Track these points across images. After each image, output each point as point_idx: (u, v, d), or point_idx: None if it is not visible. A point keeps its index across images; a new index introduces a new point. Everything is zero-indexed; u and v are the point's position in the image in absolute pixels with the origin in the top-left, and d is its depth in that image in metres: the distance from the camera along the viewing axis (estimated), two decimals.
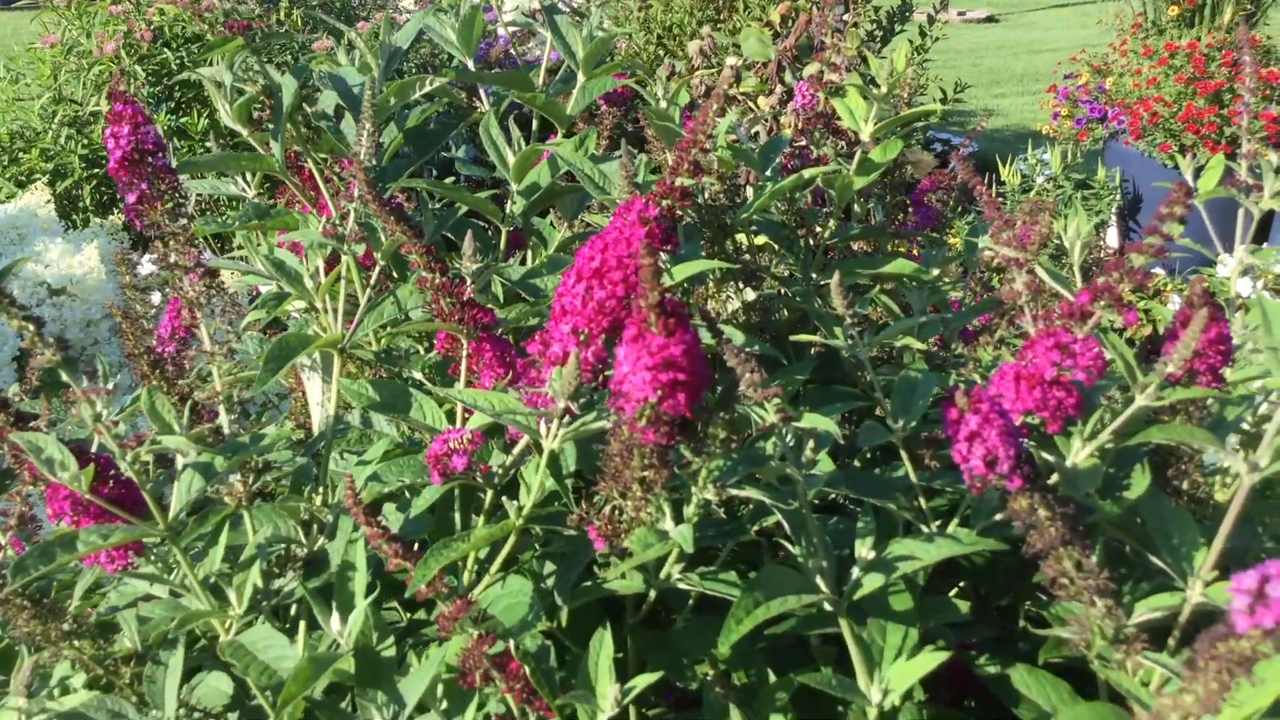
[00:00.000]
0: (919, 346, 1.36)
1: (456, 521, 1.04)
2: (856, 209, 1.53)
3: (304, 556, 0.99)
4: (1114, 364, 0.96)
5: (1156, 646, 0.89)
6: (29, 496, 1.04)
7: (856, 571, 0.89)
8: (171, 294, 1.21)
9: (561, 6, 3.46)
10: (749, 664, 1.00)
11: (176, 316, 1.23)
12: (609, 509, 0.82)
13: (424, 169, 1.26)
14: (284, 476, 1.04)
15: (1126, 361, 0.94)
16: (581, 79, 1.31)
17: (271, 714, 0.88)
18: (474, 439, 0.91)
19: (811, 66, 2.24)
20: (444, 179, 1.45)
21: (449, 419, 1.02)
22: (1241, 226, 1.34)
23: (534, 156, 1.24)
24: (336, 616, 0.88)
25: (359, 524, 0.81)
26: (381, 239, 1.00)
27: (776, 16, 3.04)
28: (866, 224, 1.51)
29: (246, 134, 1.18)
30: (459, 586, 0.97)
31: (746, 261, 1.32)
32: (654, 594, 0.99)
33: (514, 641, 0.85)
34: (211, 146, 1.27)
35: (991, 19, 10.85)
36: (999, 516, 0.96)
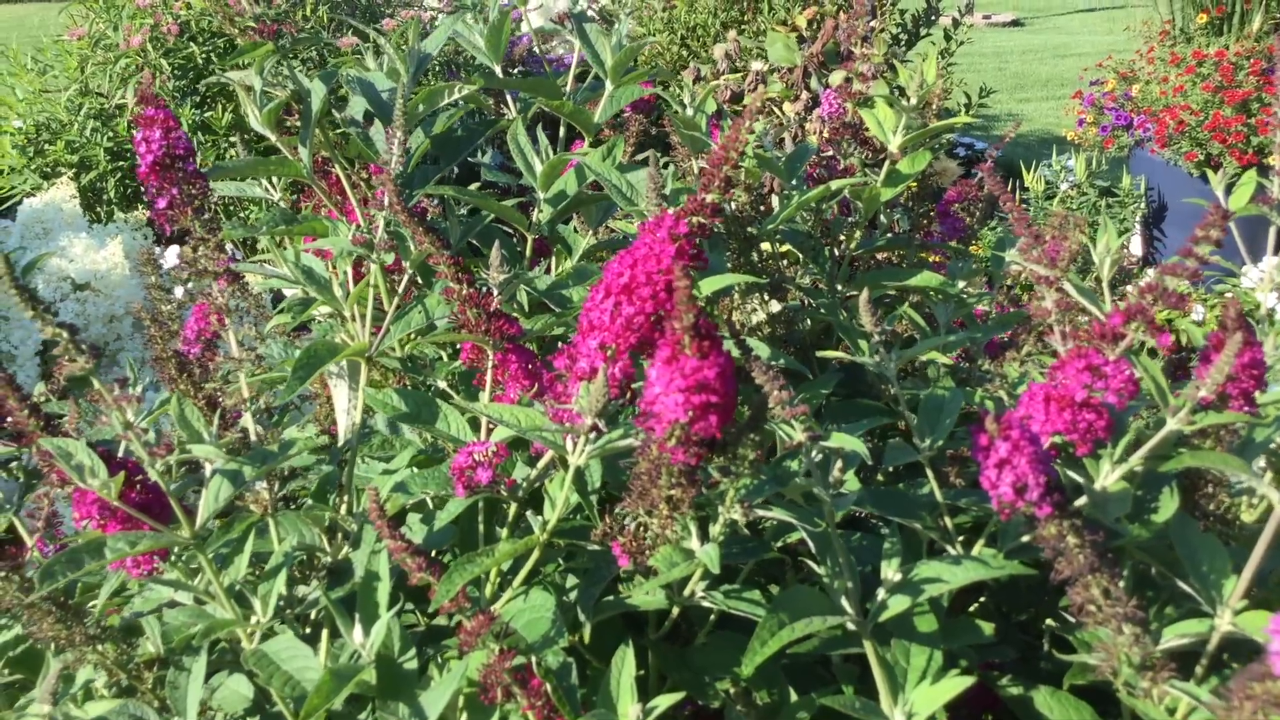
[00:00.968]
0: (944, 360, 1.35)
1: (480, 532, 1.04)
2: (882, 218, 1.52)
3: (328, 565, 0.99)
4: (1144, 384, 0.95)
5: (1183, 673, 0.88)
6: (55, 497, 1.04)
7: (882, 593, 0.88)
8: (199, 296, 1.21)
9: (590, 10, 3.46)
10: (771, 683, 0.99)
11: (203, 319, 1.23)
12: (634, 526, 0.82)
13: (449, 173, 1.26)
14: (309, 483, 1.04)
15: (1159, 385, 0.93)
16: (610, 87, 1.31)
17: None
18: (499, 451, 0.91)
19: (837, 74, 2.23)
20: (468, 183, 1.45)
21: (473, 429, 1.02)
22: (1273, 241, 1.32)
23: (561, 165, 1.24)
24: (359, 628, 0.88)
25: (383, 535, 0.81)
26: (411, 248, 1.00)
27: (803, 21, 3.03)
28: (892, 233, 1.50)
29: (275, 139, 1.18)
30: (481, 598, 0.97)
31: (773, 274, 1.31)
32: (676, 610, 0.99)
33: (535, 658, 0.85)
34: (236, 141, 1.27)
35: (1017, 23, 10.79)
36: (1026, 539, 0.95)
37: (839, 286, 1.38)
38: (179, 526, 0.87)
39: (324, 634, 0.99)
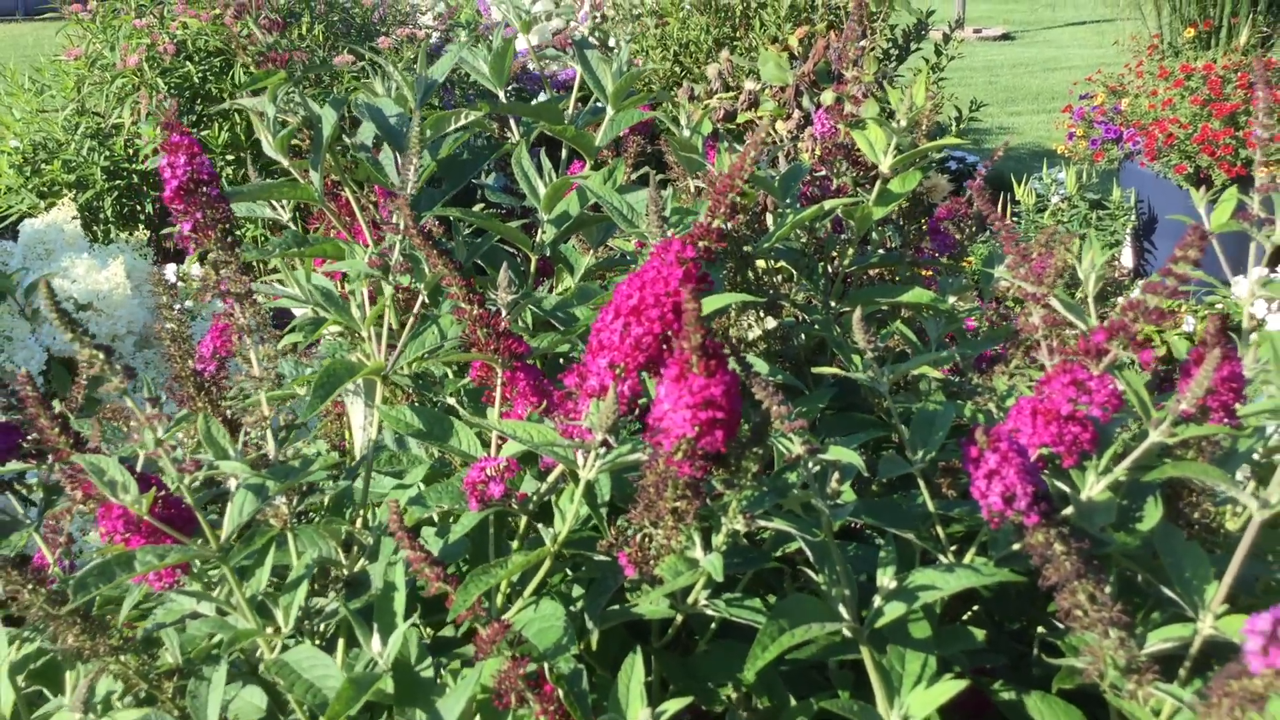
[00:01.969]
0: (936, 375, 1.39)
1: (491, 545, 1.08)
2: (874, 235, 1.57)
3: (345, 577, 1.03)
4: (1127, 397, 0.99)
5: (1168, 676, 0.92)
6: (78, 514, 1.08)
7: (878, 600, 0.92)
8: (216, 317, 1.25)
9: (580, 29, 3.50)
10: (770, 689, 1.03)
11: (218, 337, 1.27)
12: (639, 537, 0.85)
13: (454, 195, 1.30)
14: (324, 500, 1.08)
15: (1141, 399, 0.97)
16: (610, 112, 1.35)
17: None
18: (509, 466, 0.95)
19: (829, 94, 2.27)
20: (469, 204, 1.49)
21: (483, 445, 1.05)
22: (1254, 256, 1.36)
23: (564, 188, 1.28)
24: (377, 637, 0.92)
25: (402, 548, 0.84)
26: (425, 270, 1.04)
27: (794, 40, 3.07)
28: (884, 250, 1.54)
29: (287, 163, 1.22)
30: (492, 608, 1.01)
31: (769, 292, 1.35)
32: (679, 619, 1.02)
33: (548, 665, 0.89)
34: (232, 160, 1.31)
35: (1007, 36, 10.88)
36: (1015, 547, 0.99)
37: (833, 303, 1.42)
38: (203, 540, 0.91)
39: (340, 644, 1.03)
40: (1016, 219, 4.43)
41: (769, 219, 1.47)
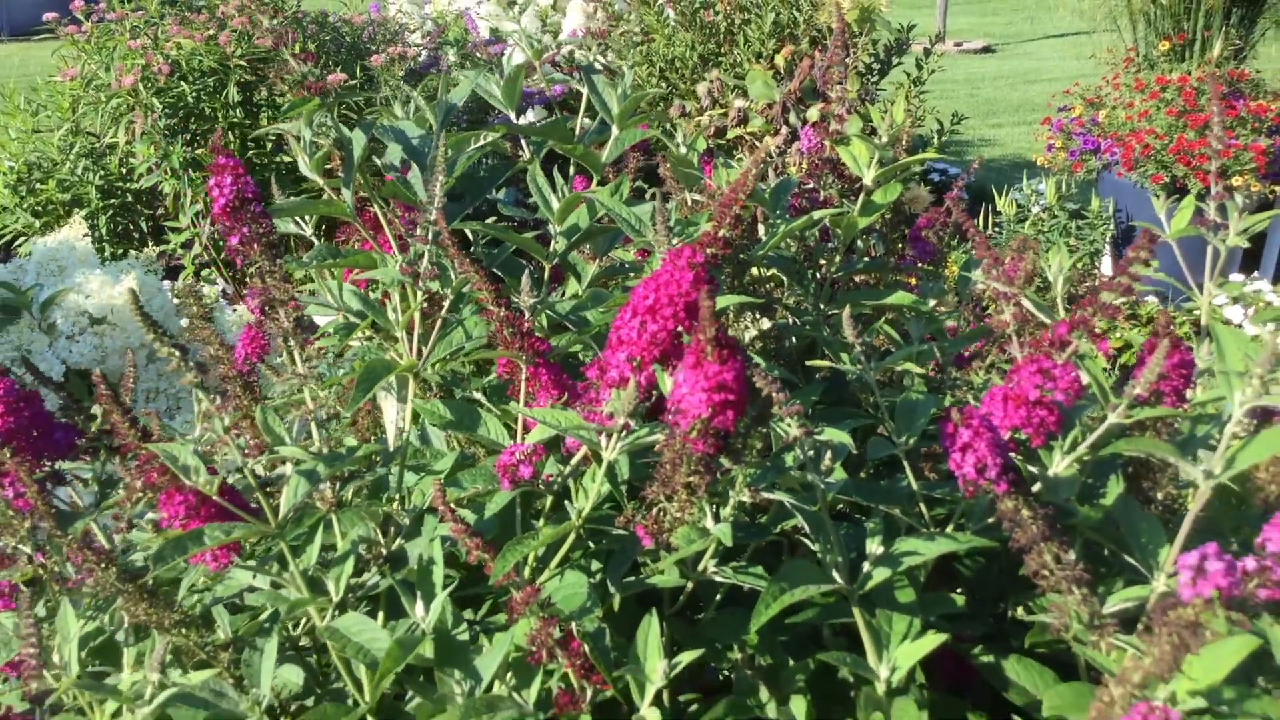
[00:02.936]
0: (918, 371, 1.50)
1: (518, 523, 1.18)
2: (859, 244, 1.68)
3: (385, 554, 1.13)
4: (1089, 385, 1.11)
5: (1128, 633, 1.03)
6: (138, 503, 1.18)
7: (868, 566, 1.03)
8: (247, 326, 1.36)
9: (577, 51, 3.62)
10: (772, 653, 1.14)
11: (250, 342, 1.38)
12: (655, 510, 0.96)
13: (472, 209, 1.41)
14: (364, 486, 1.18)
15: (1100, 385, 1.08)
16: (616, 132, 1.47)
17: (367, 685, 1.02)
18: (536, 450, 1.06)
19: (814, 111, 2.40)
20: (483, 217, 1.60)
21: (509, 435, 1.16)
22: (1210, 261, 1.48)
23: (576, 202, 1.39)
24: (420, 604, 1.02)
25: (445, 521, 0.95)
26: (452, 276, 1.15)
27: (781, 60, 3.19)
28: (869, 257, 1.66)
29: (321, 182, 1.33)
30: (521, 580, 1.11)
31: (764, 295, 1.46)
32: (689, 587, 1.13)
33: (575, 625, 0.99)
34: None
35: (988, 49, 11.06)
36: (990, 520, 1.11)
37: (822, 306, 1.54)
38: (263, 519, 1.01)
39: (380, 614, 1.14)
40: (998, 229, 4.55)
41: (761, 229, 1.59)
